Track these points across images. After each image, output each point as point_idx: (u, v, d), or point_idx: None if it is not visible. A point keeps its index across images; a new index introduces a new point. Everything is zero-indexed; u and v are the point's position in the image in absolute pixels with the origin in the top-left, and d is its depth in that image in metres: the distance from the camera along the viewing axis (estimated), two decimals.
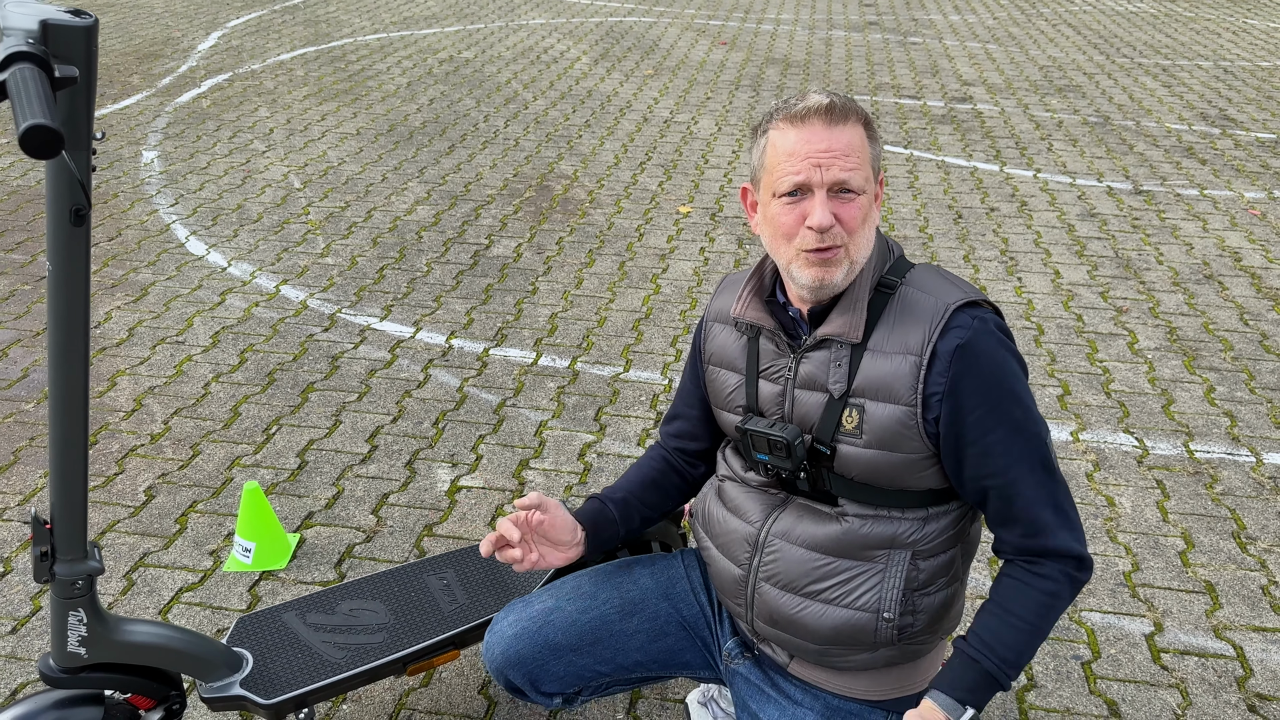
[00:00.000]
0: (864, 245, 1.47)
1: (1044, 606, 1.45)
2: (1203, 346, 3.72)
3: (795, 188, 1.44)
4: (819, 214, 1.42)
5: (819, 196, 1.43)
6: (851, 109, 1.47)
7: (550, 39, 8.59)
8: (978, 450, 1.43)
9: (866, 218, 1.46)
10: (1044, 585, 1.45)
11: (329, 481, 2.92)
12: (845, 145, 1.43)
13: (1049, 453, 1.46)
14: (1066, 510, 1.47)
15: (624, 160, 5.68)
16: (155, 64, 7.38)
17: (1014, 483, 1.44)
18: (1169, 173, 5.54)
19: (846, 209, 1.44)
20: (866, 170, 1.46)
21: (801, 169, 1.43)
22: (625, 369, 3.54)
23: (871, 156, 1.47)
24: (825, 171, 1.42)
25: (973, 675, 1.44)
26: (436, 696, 2.21)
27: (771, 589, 1.57)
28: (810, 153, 1.43)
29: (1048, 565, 1.46)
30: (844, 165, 1.43)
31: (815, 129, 1.44)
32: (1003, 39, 8.82)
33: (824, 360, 1.51)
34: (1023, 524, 1.46)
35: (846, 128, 1.44)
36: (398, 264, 4.32)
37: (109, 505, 2.80)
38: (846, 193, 1.44)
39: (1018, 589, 1.46)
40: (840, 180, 1.42)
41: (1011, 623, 1.44)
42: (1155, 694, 2.24)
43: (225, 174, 5.31)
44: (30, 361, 3.52)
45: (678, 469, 1.82)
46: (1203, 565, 2.64)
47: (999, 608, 1.46)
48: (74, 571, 1.56)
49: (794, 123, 1.45)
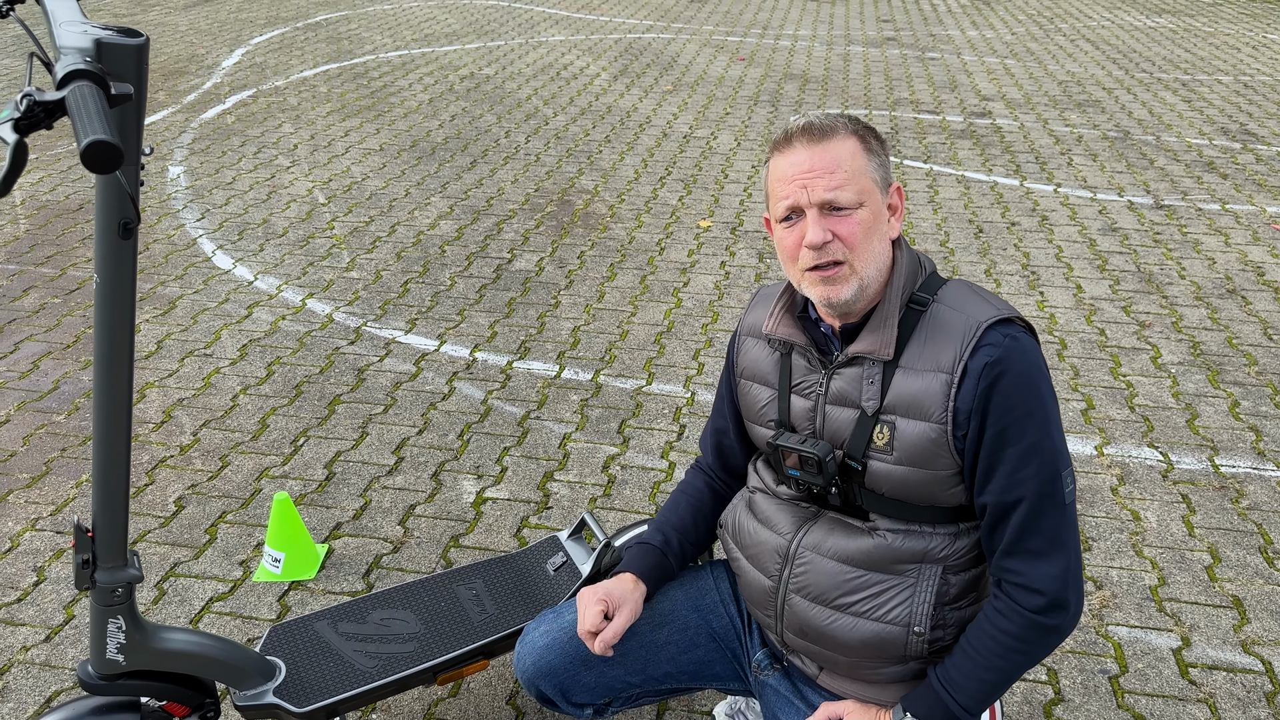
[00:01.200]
0: (871, 259, 1.47)
1: (1003, 648, 1.44)
2: (1226, 361, 3.71)
3: (789, 211, 1.47)
4: (811, 232, 1.44)
5: (810, 215, 1.44)
6: (837, 125, 1.47)
7: (570, 55, 8.65)
8: (988, 465, 1.43)
9: (870, 231, 1.46)
10: (1000, 624, 1.44)
11: (356, 493, 2.95)
12: (829, 162, 1.44)
13: (1061, 485, 1.42)
14: (1064, 548, 1.42)
15: (644, 175, 5.71)
16: (181, 80, 7.48)
17: (1014, 503, 1.42)
18: (1190, 187, 5.53)
19: (843, 224, 1.44)
20: (861, 183, 1.45)
21: (789, 192, 1.46)
22: (648, 382, 3.56)
23: (870, 168, 1.47)
24: (810, 191, 1.44)
25: (934, 706, 1.48)
26: (465, 706, 2.22)
27: (802, 601, 1.58)
28: (795, 175, 1.45)
29: (1003, 601, 1.44)
30: (828, 183, 1.44)
31: (798, 151, 1.46)
32: (1021, 54, 8.83)
33: (856, 377, 1.52)
34: (1006, 542, 1.44)
35: (832, 144, 1.45)
36: (421, 278, 4.35)
37: (140, 516, 2.84)
38: (839, 209, 1.44)
39: (981, 626, 1.47)
40: (827, 199, 1.44)
41: (975, 661, 1.46)
42: (1184, 709, 2.23)
43: (250, 189, 5.37)
44: (61, 374, 3.57)
45: (722, 494, 1.83)
46: (1230, 580, 2.63)
47: (967, 643, 1.48)
48: (115, 579, 1.59)
49: (781, 148, 1.49)
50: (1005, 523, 1.44)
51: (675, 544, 1.77)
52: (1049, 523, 1.42)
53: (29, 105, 1.08)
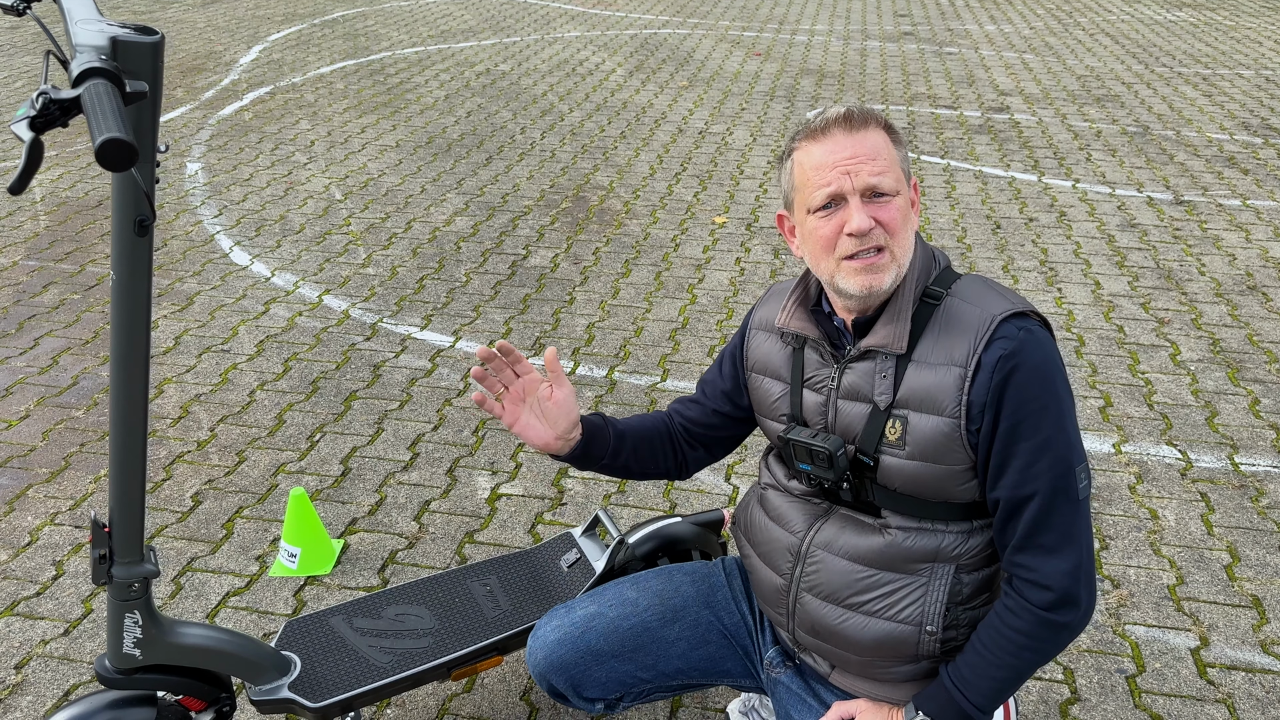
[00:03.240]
0: (907, 248, 1.47)
1: (1014, 645, 1.43)
2: (1247, 358, 3.67)
3: (829, 199, 1.45)
4: (857, 218, 1.42)
5: (854, 202, 1.43)
6: (870, 115, 1.47)
7: (585, 51, 8.65)
8: (1000, 459, 1.42)
9: (905, 219, 1.46)
10: (1010, 621, 1.43)
11: (372, 488, 2.96)
12: (870, 149, 1.44)
13: (1074, 481, 1.42)
14: (1076, 544, 1.41)
15: (659, 171, 5.70)
16: (198, 77, 7.52)
17: (1026, 498, 1.41)
18: (1210, 183, 5.48)
19: (884, 210, 1.44)
20: (896, 172, 1.46)
21: (832, 179, 1.44)
22: (663, 379, 3.56)
23: (899, 159, 1.48)
24: (855, 177, 1.43)
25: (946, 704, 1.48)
26: (479, 702, 2.23)
27: (813, 599, 1.58)
28: (837, 161, 1.44)
29: (1013, 599, 1.44)
30: (872, 169, 1.43)
31: (837, 139, 1.45)
32: (1039, 49, 8.77)
33: (868, 371, 1.51)
34: (1018, 537, 1.43)
35: (868, 133, 1.45)
36: (437, 274, 4.37)
37: (157, 510, 2.86)
38: (880, 195, 1.44)
39: (992, 623, 1.46)
40: (871, 184, 1.43)
41: (987, 659, 1.45)
42: (1202, 709, 2.22)
43: (268, 185, 5.40)
44: (80, 369, 3.59)
45: (675, 442, 1.79)
46: (1249, 579, 2.60)
47: (978, 641, 1.47)
48: (131, 574, 1.60)
49: (815, 138, 1.47)
50: (1017, 518, 1.43)
51: (619, 431, 1.72)
52: (1061, 518, 1.41)
53: (45, 103, 1.08)
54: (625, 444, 1.73)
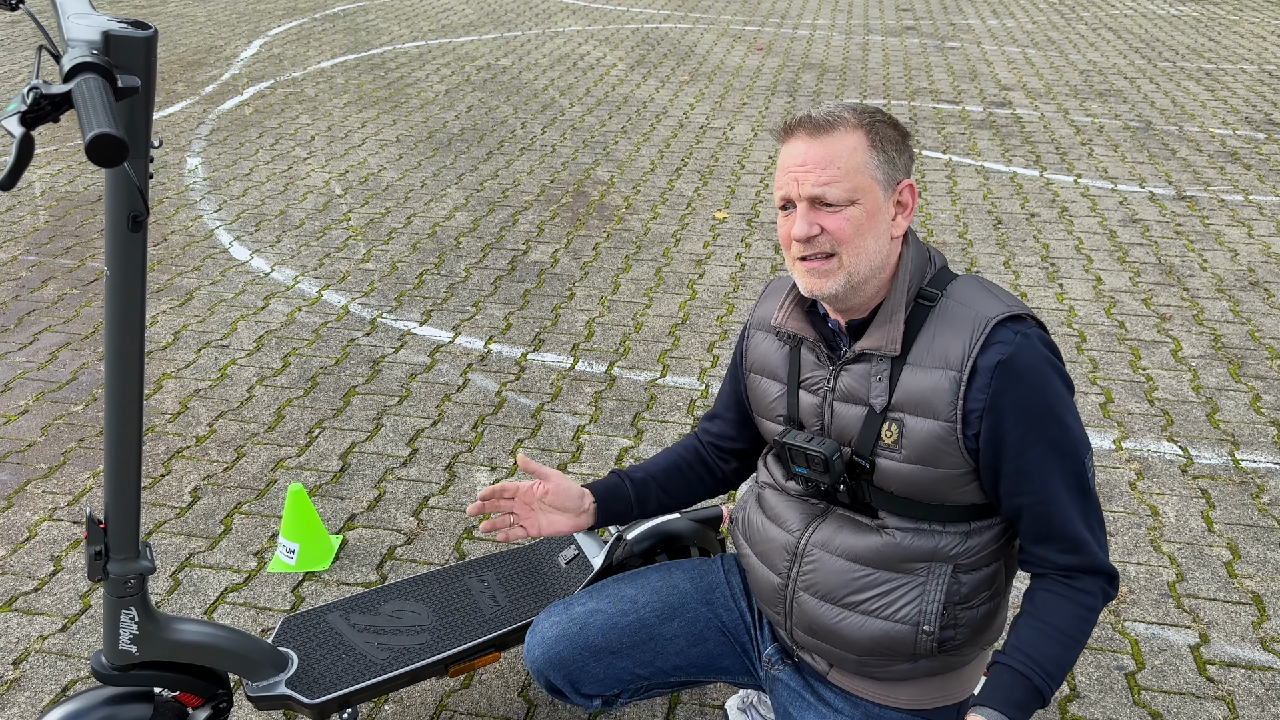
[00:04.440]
0: (862, 256, 1.44)
1: (1083, 620, 1.45)
2: (1248, 355, 3.66)
3: (784, 201, 1.48)
4: (798, 225, 1.45)
5: (800, 209, 1.45)
6: (842, 118, 1.44)
7: (586, 46, 8.63)
8: (1014, 468, 1.42)
9: (862, 228, 1.43)
10: (1083, 600, 1.45)
11: (370, 484, 2.96)
12: (822, 157, 1.42)
13: (1085, 473, 1.45)
14: (1097, 529, 1.47)
15: (660, 166, 5.69)
16: (199, 72, 7.51)
17: (1050, 501, 1.43)
18: (1213, 178, 5.47)
19: (831, 220, 1.43)
20: (856, 181, 1.42)
21: (783, 183, 1.47)
22: (662, 374, 3.55)
23: (871, 165, 1.43)
24: (801, 185, 1.44)
25: (1020, 690, 1.41)
26: (477, 698, 2.23)
27: (810, 599, 1.57)
28: (790, 166, 1.46)
29: (1086, 580, 1.46)
30: (818, 179, 1.42)
31: (797, 143, 1.46)
32: (1042, 43, 8.74)
33: (864, 373, 1.50)
34: (1060, 541, 1.45)
35: (831, 138, 1.43)
36: (437, 269, 4.36)
37: (155, 506, 2.85)
38: (828, 205, 1.43)
39: (1057, 603, 1.46)
40: (814, 194, 1.43)
41: (1055, 637, 1.44)
42: (1201, 706, 2.21)
43: (268, 180, 5.39)
44: (79, 364, 3.59)
45: (708, 462, 1.83)
46: (1249, 576, 2.60)
47: (1039, 622, 1.45)
48: (127, 570, 1.60)
49: (784, 137, 1.49)
50: (1049, 524, 1.45)
51: (639, 478, 1.78)
52: (1082, 511, 1.45)
53: (35, 98, 1.08)
54: (650, 489, 1.79)
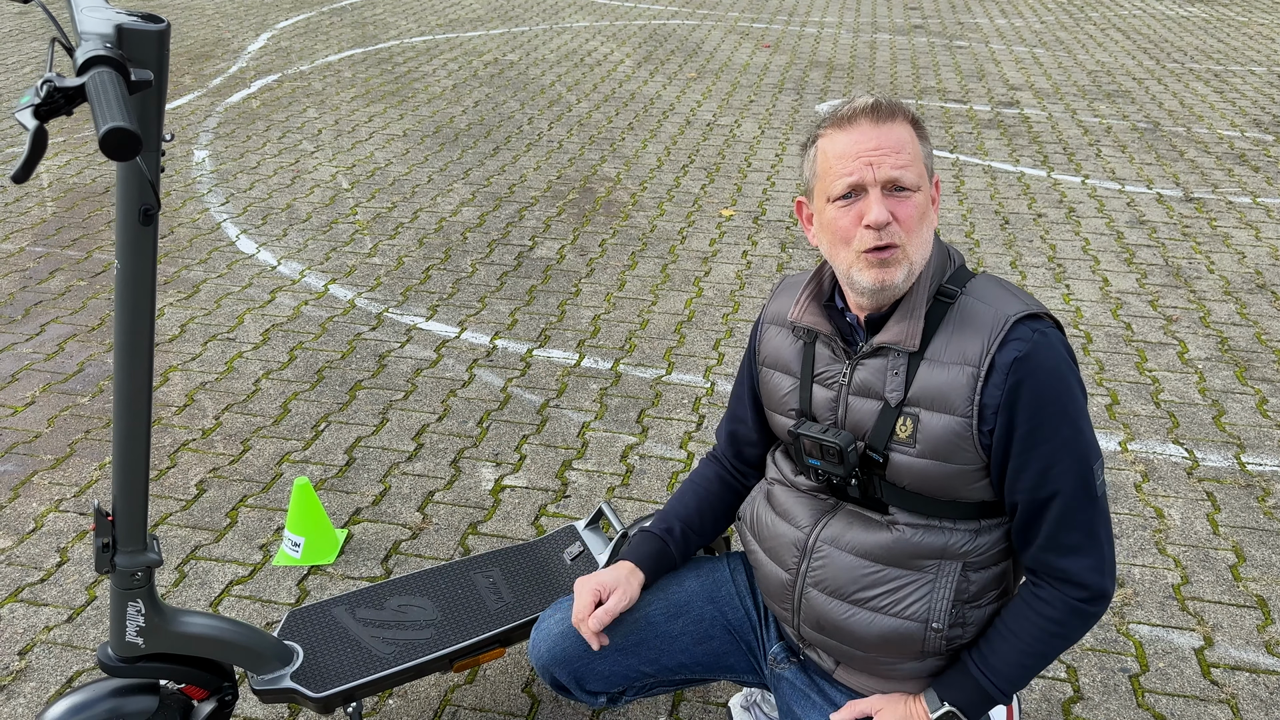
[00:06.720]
0: (922, 246, 1.46)
1: (1045, 633, 1.46)
2: (1255, 357, 3.66)
3: (850, 189, 1.44)
4: (875, 210, 1.41)
5: (874, 194, 1.42)
6: (898, 108, 1.46)
7: (594, 42, 8.62)
8: (1019, 464, 1.42)
9: (923, 217, 1.45)
10: (1043, 610, 1.46)
11: (376, 479, 2.96)
12: (895, 142, 1.43)
13: (1093, 479, 1.44)
14: (1099, 540, 1.44)
15: (667, 163, 5.69)
16: (206, 65, 7.51)
17: (1048, 500, 1.43)
18: (1221, 180, 5.45)
19: (902, 206, 1.43)
20: (919, 168, 1.45)
21: (854, 169, 1.43)
22: (668, 371, 3.55)
23: (923, 155, 1.47)
24: (877, 169, 1.42)
25: (972, 691, 1.50)
26: (481, 693, 2.23)
27: (819, 595, 1.57)
28: (861, 152, 1.43)
29: (1047, 589, 1.46)
30: (895, 162, 1.42)
31: (863, 129, 1.44)
32: (1050, 43, 8.72)
33: (880, 368, 1.50)
34: (1042, 538, 1.45)
35: (894, 125, 1.44)
36: (443, 265, 4.36)
37: (161, 498, 2.86)
38: (901, 190, 1.43)
39: (1021, 611, 1.48)
40: (893, 177, 1.42)
41: (1015, 645, 1.47)
42: (1205, 709, 2.21)
43: (275, 174, 5.39)
44: (86, 356, 3.60)
45: (734, 485, 1.82)
46: (1254, 579, 2.59)
47: (1005, 628, 1.49)
48: (134, 563, 1.60)
49: (841, 126, 1.46)
50: (1040, 520, 1.44)
51: (678, 533, 1.77)
52: (1084, 516, 1.43)
53: (49, 91, 1.08)
54: (689, 543, 1.79)
